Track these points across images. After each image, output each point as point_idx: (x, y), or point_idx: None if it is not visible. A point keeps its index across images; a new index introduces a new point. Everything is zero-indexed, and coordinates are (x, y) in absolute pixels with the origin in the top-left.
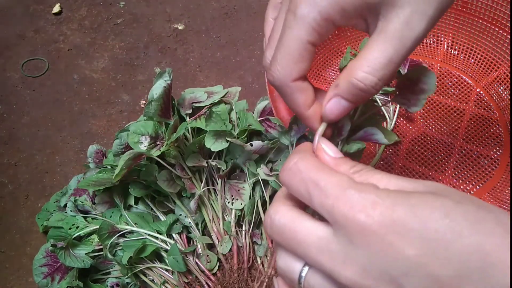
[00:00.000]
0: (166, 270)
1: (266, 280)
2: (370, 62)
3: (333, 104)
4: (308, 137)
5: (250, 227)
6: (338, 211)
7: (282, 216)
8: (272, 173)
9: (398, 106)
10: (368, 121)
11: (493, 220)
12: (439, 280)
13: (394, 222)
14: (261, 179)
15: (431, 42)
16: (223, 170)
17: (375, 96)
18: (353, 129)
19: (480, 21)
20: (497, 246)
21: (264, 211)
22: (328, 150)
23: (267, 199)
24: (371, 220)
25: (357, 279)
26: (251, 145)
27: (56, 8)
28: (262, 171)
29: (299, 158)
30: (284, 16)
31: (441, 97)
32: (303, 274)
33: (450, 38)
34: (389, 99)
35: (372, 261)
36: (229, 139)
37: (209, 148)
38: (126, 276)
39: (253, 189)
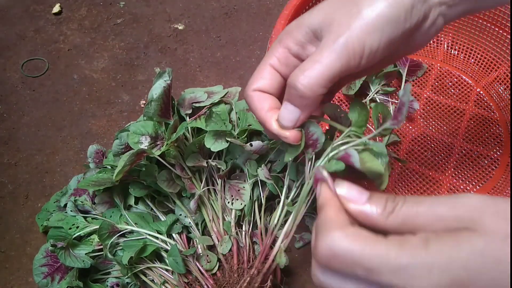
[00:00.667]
0: (166, 270)
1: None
2: (300, 65)
3: (283, 108)
4: None
5: (250, 227)
6: (395, 286)
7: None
8: (271, 174)
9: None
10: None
11: None
12: None
13: (452, 284)
14: (260, 180)
15: (431, 42)
16: (223, 170)
17: (376, 96)
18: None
19: (480, 21)
20: None
21: (259, 213)
22: (351, 196)
23: (263, 201)
24: None
25: None
26: (251, 145)
27: (56, 8)
28: (262, 172)
29: (330, 242)
30: None
31: (441, 97)
32: None
33: (450, 38)
34: (389, 99)
35: None
36: (229, 139)
37: (209, 148)
38: (126, 276)
39: (253, 189)
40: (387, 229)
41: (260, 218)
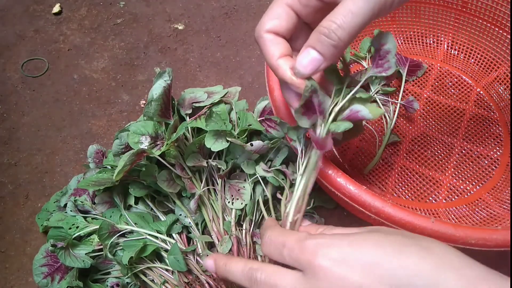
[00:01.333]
0: (166, 270)
1: None
2: (332, 15)
3: (304, 55)
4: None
5: (251, 227)
6: (302, 259)
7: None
8: (271, 169)
9: (398, 106)
10: (355, 101)
11: (414, 245)
12: None
13: (338, 256)
14: (260, 177)
15: (431, 42)
16: (223, 170)
17: (376, 96)
18: (341, 109)
19: (480, 21)
20: (414, 261)
21: (266, 210)
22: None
23: (269, 197)
24: (325, 260)
25: None
26: (251, 145)
27: (56, 8)
28: (260, 168)
29: (269, 231)
30: None
31: (441, 97)
32: None
33: (450, 38)
34: (389, 99)
35: None
36: (229, 139)
37: (209, 148)
38: (126, 276)
39: (254, 189)
40: None
41: (268, 210)
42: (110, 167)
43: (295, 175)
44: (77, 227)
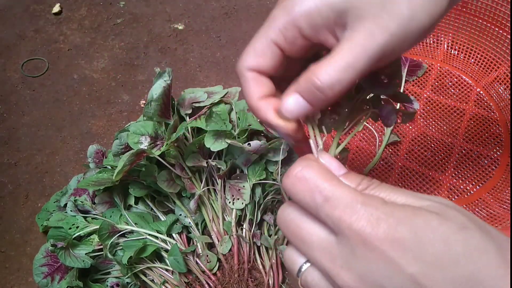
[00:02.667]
0: (166, 270)
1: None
2: (329, 64)
3: (291, 101)
4: None
5: (252, 227)
6: (344, 223)
7: (291, 212)
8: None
9: (398, 106)
10: (371, 101)
11: (494, 250)
12: None
13: (396, 240)
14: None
15: (431, 42)
16: (223, 170)
17: None
18: (352, 110)
19: (480, 21)
20: (491, 277)
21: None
22: (331, 165)
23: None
24: (374, 236)
25: (352, 284)
26: (249, 145)
27: (56, 8)
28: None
29: (305, 165)
30: None
31: (441, 97)
32: (303, 269)
33: (450, 38)
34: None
35: (370, 272)
36: (228, 141)
37: (209, 148)
38: (126, 276)
39: (253, 189)
40: None
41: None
42: (110, 167)
43: None
44: (77, 227)
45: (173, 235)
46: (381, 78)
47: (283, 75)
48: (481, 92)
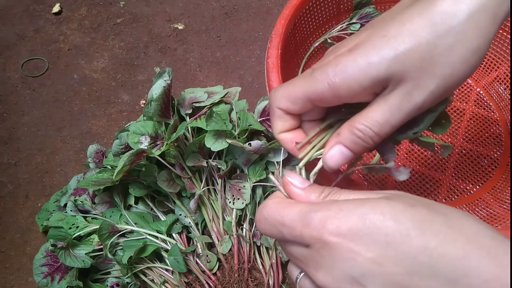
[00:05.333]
0: (166, 270)
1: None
2: (369, 118)
3: (335, 151)
4: None
5: (252, 227)
6: (305, 235)
7: (279, 241)
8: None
9: None
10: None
11: (441, 220)
12: (393, 278)
13: (349, 231)
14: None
15: None
16: (223, 170)
17: None
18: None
19: None
20: (441, 242)
21: None
22: (294, 181)
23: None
24: (330, 233)
25: (326, 281)
26: (250, 144)
27: (56, 8)
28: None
29: (262, 208)
30: None
31: None
32: (298, 279)
33: None
34: None
35: (337, 266)
36: (229, 141)
37: (209, 148)
38: (126, 276)
39: (254, 189)
40: None
41: None
42: (110, 167)
43: None
44: (77, 227)
45: (173, 235)
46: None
47: (309, 116)
48: (481, 92)
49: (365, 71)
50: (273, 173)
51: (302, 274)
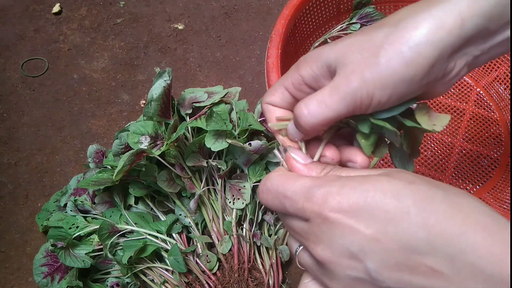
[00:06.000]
0: (166, 270)
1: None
2: (308, 97)
3: (290, 126)
4: None
5: (252, 227)
6: (307, 209)
7: (279, 214)
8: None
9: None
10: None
11: (440, 197)
12: (392, 254)
13: (350, 207)
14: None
15: None
16: (223, 170)
17: None
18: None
19: None
20: (440, 220)
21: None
22: (297, 157)
23: None
24: (331, 209)
25: (325, 255)
26: (250, 144)
27: (56, 8)
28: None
29: (265, 180)
30: None
31: (441, 97)
32: (297, 252)
33: None
34: None
35: (336, 241)
36: (229, 141)
37: (209, 148)
38: (126, 276)
39: (254, 189)
40: None
41: None
42: (110, 167)
43: None
44: (77, 227)
45: (173, 235)
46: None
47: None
48: (481, 92)
49: (320, 54)
50: (278, 148)
51: (301, 248)
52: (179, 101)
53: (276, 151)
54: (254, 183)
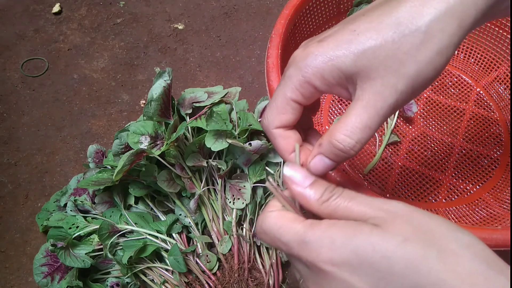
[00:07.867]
0: (166, 270)
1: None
2: (348, 126)
3: (317, 161)
4: None
5: (252, 227)
6: (302, 258)
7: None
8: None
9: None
10: None
11: (435, 259)
12: None
13: (343, 263)
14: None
15: None
16: (223, 170)
17: None
18: None
19: None
20: (433, 282)
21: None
22: (295, 177)
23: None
24: (323, 261)
25: None
26: (250, 144)
27: (56, 8)
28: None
29: (262, 221)
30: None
31: (441, 97)
32: (301, 281)
33: None
34: None
35: None
36: (229, 141)
37: (209, 148)
38: (126, 276)
39: (254, 189)
40: (320, 215)
41: None
42: (110, 167)
43: None
44: (77, 227)
45: (173, 235)
46: None
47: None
48: (481, 92)
49: (334, 61)
50: (270, 177)
51: (303, 280)
52: (179, 101)
53: (268, 184)
54: (254, 183)
